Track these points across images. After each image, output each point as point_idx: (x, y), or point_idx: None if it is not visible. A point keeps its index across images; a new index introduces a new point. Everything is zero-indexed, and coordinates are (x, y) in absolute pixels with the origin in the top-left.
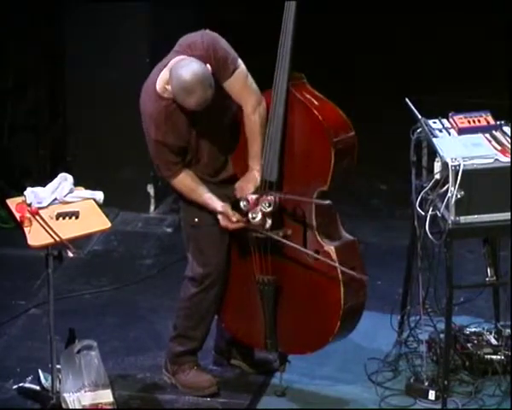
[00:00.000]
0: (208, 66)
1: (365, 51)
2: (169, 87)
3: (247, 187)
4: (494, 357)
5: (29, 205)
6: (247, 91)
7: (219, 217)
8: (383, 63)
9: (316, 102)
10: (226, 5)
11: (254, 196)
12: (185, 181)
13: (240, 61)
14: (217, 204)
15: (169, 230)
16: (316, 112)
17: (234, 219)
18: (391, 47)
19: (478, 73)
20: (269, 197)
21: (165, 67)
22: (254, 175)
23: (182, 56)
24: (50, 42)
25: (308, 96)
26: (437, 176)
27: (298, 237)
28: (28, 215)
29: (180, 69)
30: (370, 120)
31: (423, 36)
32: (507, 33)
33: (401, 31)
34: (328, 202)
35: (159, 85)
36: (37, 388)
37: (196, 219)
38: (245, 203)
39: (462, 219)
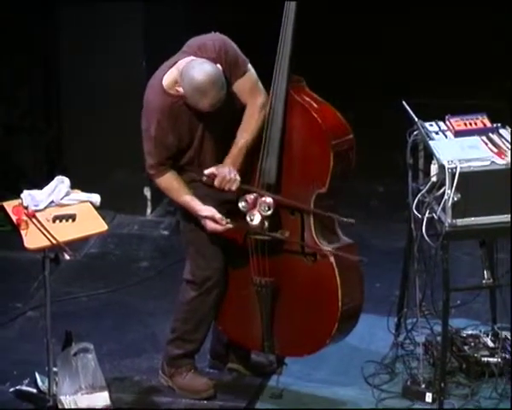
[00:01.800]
0: (219, 66)
1: (364, 52)
2: (180, 89)
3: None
4: (491, 359)
5: (26, 208)
6: (257, 92)
7: (206, 221)
8: (383, 64)
9: (315, 105)
10: (224, 5)
11: (253, 196)
12: (170, 181)
13: (249, 64)
14: (201, 208)
15: (165, 232)
16: (315, 115)
17: (224, 222)
18: (391, 48)
19: (479, 74)
20: (267, 200)
21: (173, 65)
22: (226, 164)
23: (192, 57)
24: (45, 42)
25: (307, 98)
26: (433, 178)
27: (295, 239)
28: (25, 218)
29: (192, 70)
30: (369, 122)
31: (423, 37)
32: (508, 34)
33: (401, 32)
34: (352, 220)
35: (166, 82)
36: (34, 390)
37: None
38: (244, 204)
39: (459, 221)
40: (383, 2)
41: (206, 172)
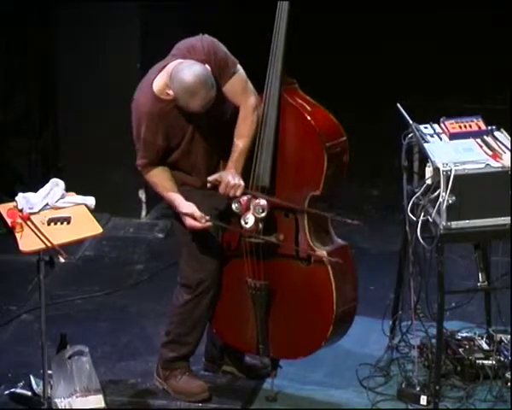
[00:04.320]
0: (208, 66)
1: (364, 52)
2: (171, 92)
3: (226, 178)
4: (485, 362)
5: (20, 210)
6: (248, 92)
7: (185, 218)
8: (383, 65)
9: (308, 107)
10: (220, 6)
11: (246, 198)
12: (156, 175)
13: (239, 65)
14: (182, 205)
15: (160, 235)
16: (308, 117)
17: (203, 220)
18: (391, 48)
19: (479, 76)
20: (261, 202)
21: (162, 69)
22: (229, 170)
23: (181, 60)
24: (41, 46)
25: (300, 101)
26: (428, 181)
27: (290, 241)
28: (19, 221)
29: (181, 72)
30: (367, 123)
31: (424, 37)
32: (508, 36)
33: (401, 32)
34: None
35: (156, 87)
36: (29, 393)
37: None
38: (237, 205)
39: (454, 224)
40: (383, 2)
41: (210, 178)
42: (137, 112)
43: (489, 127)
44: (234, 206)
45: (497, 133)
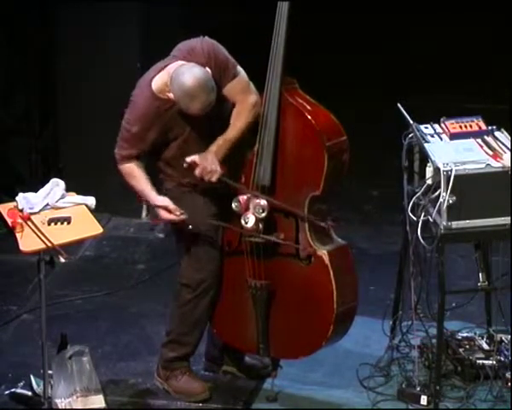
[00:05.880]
0: (208, 69)
1: (364, 52)
2: (171, 95)
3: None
4: (486, 362)
5: (21, 210)
6: (249, 92)
7: (160, 211)
8: (383, 64)
9: (308, 107)
10: (218, 5)
11: (245, 197)
12: (132, 168)
13: (239, 67)
14: (156, 198)
15: (161, 235)
16: (309, 116)
17: (177, 212)
18: (391, 48)
19: (479, 76)
20: (262, 202)
21: (162, 69)
22: (209, 154)
23: (181, 62)
24: (41, 46)
25: (300, 100)
26: (429, 181)
27: (290, 241)
28: (20, 221)
29: (181, 75)
30: (367, 123)
31: (424, 37)
32: (508, 36)
33: (401, 32)
34: (323, 224)
35: (155, 86)
36: (29, 393)
37: (190, 226)
38: (236, 204)
39: (454, 224)
40: (383, 2)
41: (188, 159)
42: (134, 108)
43: (489, 127)
44: (233, 205)
45: (497, 133)
